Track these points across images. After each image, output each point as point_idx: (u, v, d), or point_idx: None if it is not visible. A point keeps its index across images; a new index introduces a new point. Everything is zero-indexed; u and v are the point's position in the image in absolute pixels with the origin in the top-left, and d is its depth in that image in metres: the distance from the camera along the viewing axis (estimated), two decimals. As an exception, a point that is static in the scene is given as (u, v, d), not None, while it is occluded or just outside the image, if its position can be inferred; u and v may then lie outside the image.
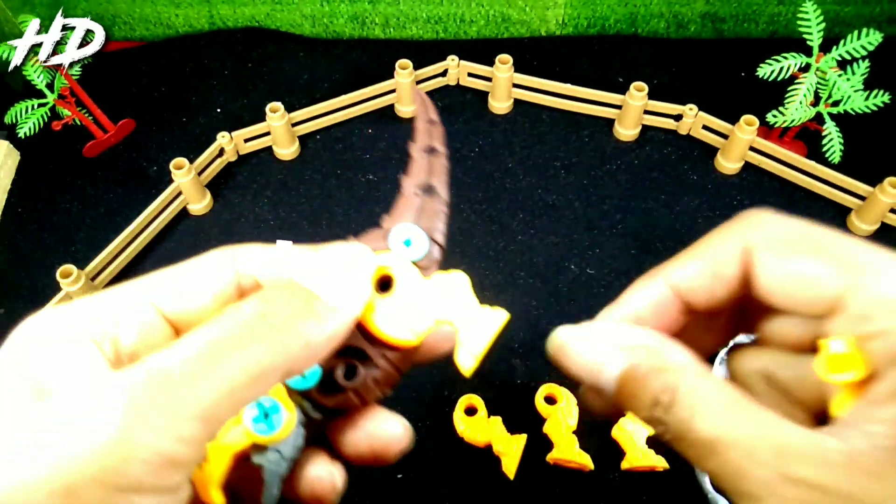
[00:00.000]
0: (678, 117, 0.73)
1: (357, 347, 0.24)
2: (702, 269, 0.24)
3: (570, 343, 0.23)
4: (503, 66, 0.72)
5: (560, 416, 0.55)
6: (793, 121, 0.66)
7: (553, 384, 0.57)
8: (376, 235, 0.26)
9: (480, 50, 0.78)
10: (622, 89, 0.72)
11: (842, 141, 0.66)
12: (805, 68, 0.65)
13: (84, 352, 0.20)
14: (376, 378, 0.24)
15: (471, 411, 0.56)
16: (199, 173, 0.68)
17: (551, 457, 0.54)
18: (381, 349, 0.24)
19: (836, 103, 0.66)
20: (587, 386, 0.24)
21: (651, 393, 0.21)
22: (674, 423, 0.20)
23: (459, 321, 0.25)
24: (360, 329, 0.24)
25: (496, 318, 0.25)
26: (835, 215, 0.68)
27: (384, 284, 0.25)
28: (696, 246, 0.24)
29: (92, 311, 0.21)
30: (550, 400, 0.57)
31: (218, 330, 0.19)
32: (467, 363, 0.24)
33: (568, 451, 0.53)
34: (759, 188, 0.70)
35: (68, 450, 0.17)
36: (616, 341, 0.22)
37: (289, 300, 0.21)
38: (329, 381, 0.24)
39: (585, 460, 0.53)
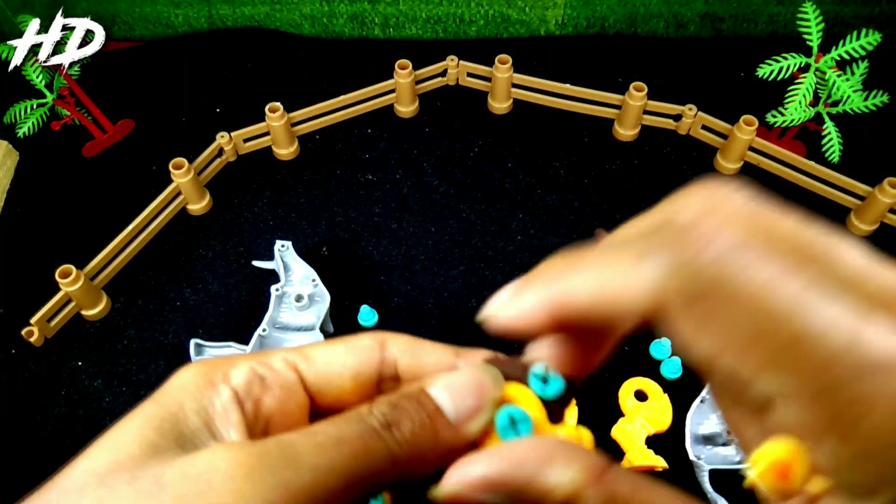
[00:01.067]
0: (677, 117, 0.73)
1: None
2: (595, 304, 0.18)
3: (459, 493, 0.21)
4: (503, 66, 0.72)
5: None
6: (792, 121, 0.66)
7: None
8: (516, 364, 0.26)
9: (480, 50, 0.78)
10: (621, 89, 0.72)
11: (841, 141, 0.66)
12: (804, 68, 0.65)
13: (230, 411, 0.22)
14: None
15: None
16: (199, 173, 0.68)
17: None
18: None
19: (835, 103, 0.66)
20: None
21: None
22: None
23: None
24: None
25: None
26: (834, 215, 0.68)
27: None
28: (602, 256, 0.18)
29: (246, 369, 0.23)
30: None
31: (348, 428, 0.21)
32: None
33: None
34: (759, 188, 0.69)
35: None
36: (489, 484, 0.20)
37: (417, 414, 0.22)
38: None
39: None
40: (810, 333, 0.15)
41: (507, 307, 0.21)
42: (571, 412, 0.55)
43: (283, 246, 0.62)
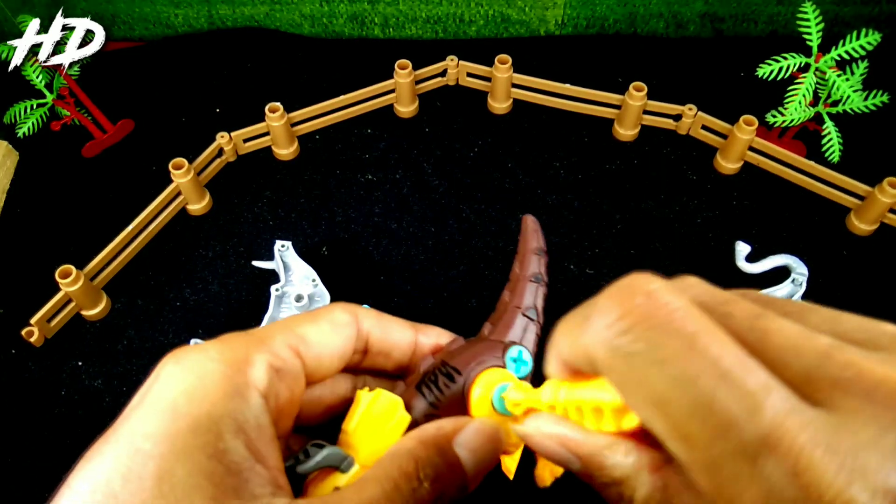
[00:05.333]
0: (677, 117, 0.73)
1: None
2: (577, 364, 0.20)
3: (532, 438, 0.23)
4: (502, 66, 0.72)
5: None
6: (792, 121, 0.66)
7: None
8: (487, 346, 0.30)
9: (480, 50, 0.78)
10: (621, 89, 0.72)
11: (841, 141, 0.66)
12: (804, 68, 0.65)
13: (263, 425, 0.22)
14: None
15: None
16: (199, 173, 0.68)
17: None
18: None
19: (835, 103, 0.66)
20: None
21: (610, 498, 0.21)
22: None
23: None
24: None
25: None
26: (834, 215, 0.68)
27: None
28: (570, 323, 0.20)
29: (264, 366, 0.23)
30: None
31: (397, 497, 0.22)
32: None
33: None
34: (759, 188, 0.70)
35: None
36: (561, 441, 0.22)
37: (454, 481, 0.24)
38: None
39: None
40: (704, 406, 0.15)
41: (547, 367, 0.23)
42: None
43: (283, 246, 0.62)
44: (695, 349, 0.15)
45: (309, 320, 0.26)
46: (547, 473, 0.29)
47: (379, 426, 0.26)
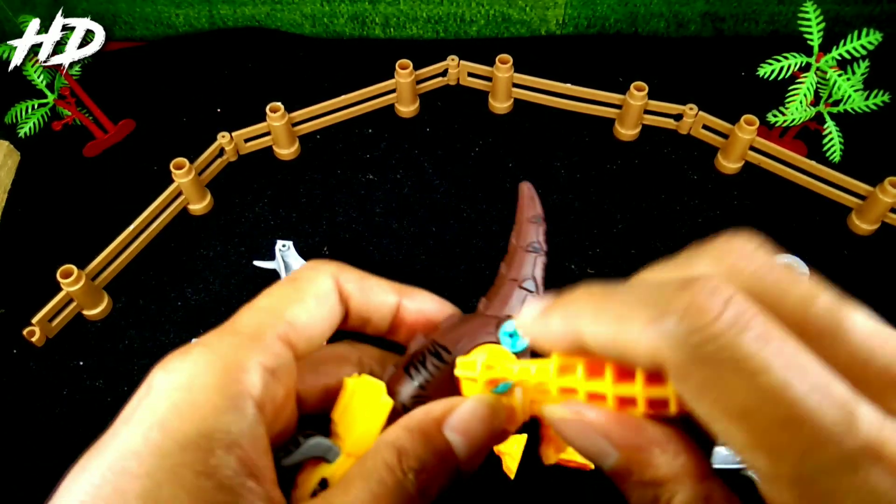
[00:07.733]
0: (678, 117, 0.73)
1: None
2: (607, 351, 0.19)
3: (565, 424, 0.22)
4: (503, 66, 0.72)
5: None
6: (793, 120, 0.66)
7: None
8: (480, 322, 0.28)
9: (481, 50, 0.78)
10: (622, 89, 0.72)
11: (842, 140, 0.66)
12: (805, 68, 0.65)
13: (258, 437, 0.21)
14: None
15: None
16: (200, 173, 0.68)
17: (552, 456, 0.54)
18: None
19: (836, 103, 0.66)
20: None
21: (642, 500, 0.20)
22: None
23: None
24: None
25: None
26: (835, 215, 0.68)
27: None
28: (621, 307, 0.18)
29: (258, 371, 0.22)
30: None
31: (391, 498, 0.22)
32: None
33: (570, 450, 0.53)
34: (760, 188, 0.70)
35: None
36: (603, 431, 0.20)
37: (443, 472, 0.23)
38: None
39: (587, 460, 0.53)
40: (796, 418, 0.15)
41: (532, 327, 0.21)
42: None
43: (284, 246, 0.62)
44: (783, 359, 0.15)
45: (294, 299, 0.24)
46: (551, 451, 0.28)
47: (362, 413, 0.25)
